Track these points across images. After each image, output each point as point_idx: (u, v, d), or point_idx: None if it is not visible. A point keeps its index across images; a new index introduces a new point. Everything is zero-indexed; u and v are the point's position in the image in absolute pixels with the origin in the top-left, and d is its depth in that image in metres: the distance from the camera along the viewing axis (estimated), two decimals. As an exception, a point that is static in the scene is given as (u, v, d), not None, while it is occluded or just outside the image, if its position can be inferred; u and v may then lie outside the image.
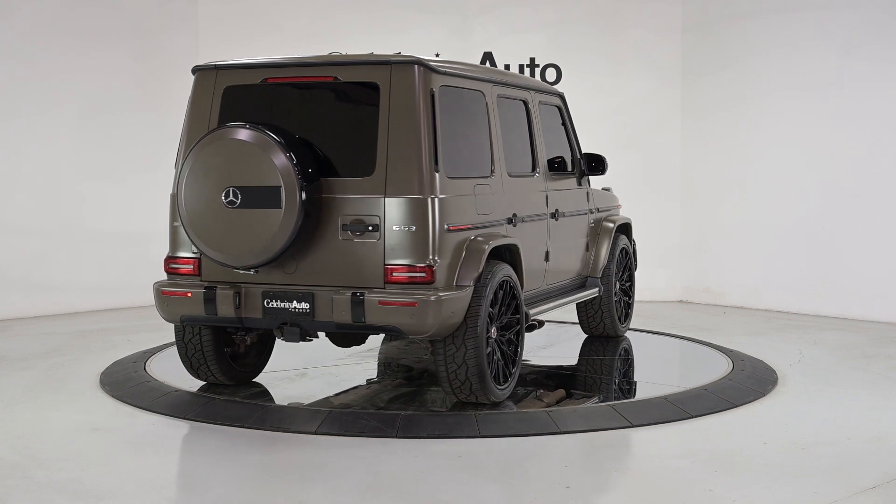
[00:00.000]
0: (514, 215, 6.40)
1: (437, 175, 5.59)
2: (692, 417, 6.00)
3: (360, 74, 5.76)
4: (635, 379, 7.23)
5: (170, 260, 6.12)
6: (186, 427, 5.84)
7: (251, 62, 6.05)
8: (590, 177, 7.96)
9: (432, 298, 5.46)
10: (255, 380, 6.76)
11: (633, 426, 5.80)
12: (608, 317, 8.02)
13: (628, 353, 7.89)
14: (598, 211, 7.97)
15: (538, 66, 11.22)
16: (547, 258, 6.94)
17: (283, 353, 7.20)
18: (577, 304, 7.99)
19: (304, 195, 5.48)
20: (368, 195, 5.59)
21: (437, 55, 11.02)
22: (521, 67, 11.20)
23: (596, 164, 7.65)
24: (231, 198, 5.60)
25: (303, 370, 7.14)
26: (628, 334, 8.46)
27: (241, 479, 4.92)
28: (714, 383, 6.69)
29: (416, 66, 5.64)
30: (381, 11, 11.13)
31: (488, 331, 5.87)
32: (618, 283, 8.14)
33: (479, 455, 5.28)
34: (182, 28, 10.79)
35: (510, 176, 6.46)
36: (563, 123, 7.55)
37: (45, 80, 9.93)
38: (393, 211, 5.56)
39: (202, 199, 5.69)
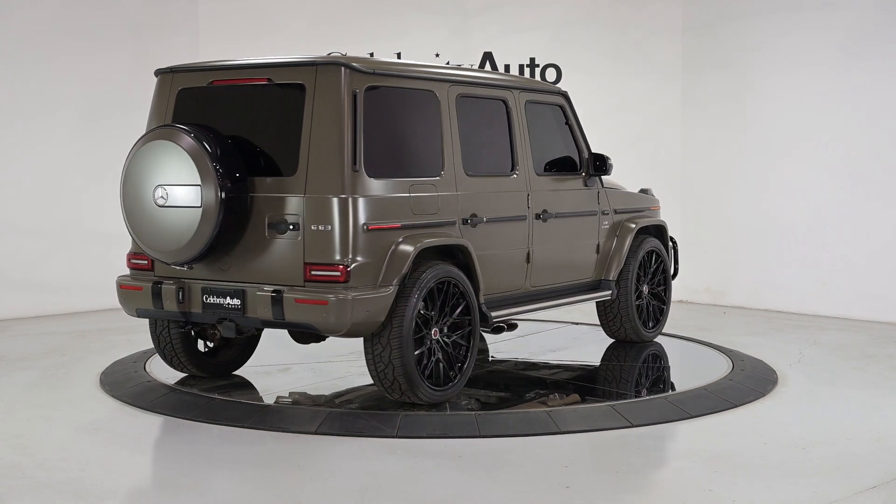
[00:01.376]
0: (474, 216, 6.35)
1: (355, 175, 5.65)
2: (692, 417, 6.00)
3: (289, 76, 5.87)
4: (636, 381, 7.21)
5: (130, 256, 6.40)
6: (186, 427, 5.84)
7: (201, 65, 6.28)
8: (606, 177, 7.78)
9: (343, 297, 5.53)
10: (236, 373, 6.89)
11: (633, 426, 5.79)
12: (627, 321, 7.81)
13: (639, 357, 7.67)
14: (618, 212, 7.77)
15: (538, 66, 11.22)
16: (529, 259, 6.86)
17: (278, 348, 7.25)
18: (597, 308, 7.91)
19: (223, 194, 5.65)
20: (290, 194, 5.72)
21: (437, 55, 11.07)
22: (521, 67, 11.20)
23: (599, 164, 7.48)
24: (160, 196, 5.83)
25: (287, 366, 7.19)
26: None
27: (241, 479, 4.92)
28: (714, 383, 6.68)
29: (338, 68, 5.70)
30: (381, 11, 11.13)
31: (422, 330, 5.89)
32: (646, 287, 7.96)
33: (479, 455, 5.28)
34: (182, 28, 10.78)
35: (469, 176, 6.39)
36: (568, 123, 7.42)
37: (45, 80, 9.93)
38: (311, 210, 5.65)
39: (138, 197, 5.94)
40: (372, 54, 10.97)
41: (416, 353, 5.84)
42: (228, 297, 5.88)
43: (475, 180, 6.44)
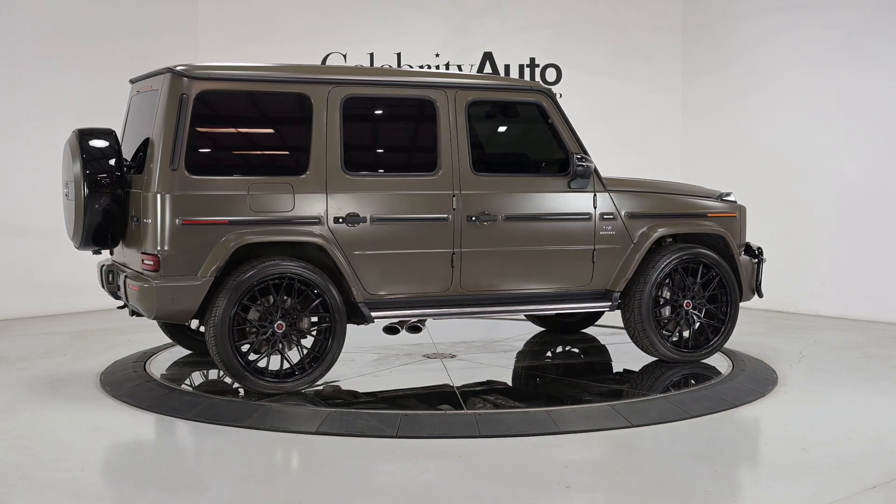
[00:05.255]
0: (353, 215, 6.41)
1: (173, 173, 6.07)
2: (692, 417, 6.00)
3: (156, 84, 6.45)
4: (629, 381, 7.19)
5: None
6: (186, 427, 5.84)
7: (141, 76, 6.90)
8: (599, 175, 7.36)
9: (148, 285, 6.07)
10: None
11: (633, 426, 5.80)
12: (645, 338, 7.13)
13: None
14: (633, 217, 7.11)
15: (538, 66, 11.22)
16: (454, 262, 6.70)
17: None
18: (623, 322, 7.31)
19: (86, 190, 6.39)
20: (138, 191, 6.35)
21: (437, 55, 11.07)
22: (522, 67, 11.21)
23: (575, 165, 6.85)
24: (65, 190, 6.74)
25: None
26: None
27: (241, 479, 4.93)
28: (714, 383, 6.69)
29: (171, 75, 6.20)
30: (381, 12, 11.13)
31: (250, 322, 6.20)
32: (689, 302, 7.18)
33: (479, 455, 5.28)
34: (182, 28, 10.79)
35: (351, 175, 6.42)
36: (549, 122, 6.96)
37: (45, 80, 9.93)
38: (143, 206, 6.22)
39: (61, 191, 6.92)
40: (372, 55, 10.98)
41: (247, 342, 6.23)
42: (121, 281, 6.57)
43: (361, 180, 6.47)
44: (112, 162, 6.46)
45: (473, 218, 6.70)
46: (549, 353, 8.00)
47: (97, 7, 10.24)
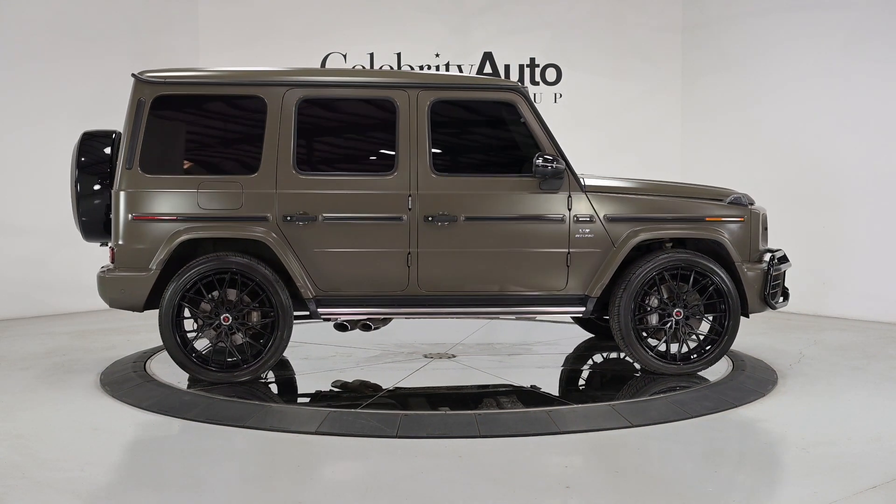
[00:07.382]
0: (303, 213, 6.60)
1: (128, 172, 6.58)
2: (692, 417, 6.00)
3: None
4: (630, 381, 7.19)
5: None
6: (186, 427, 5.84)
7: None
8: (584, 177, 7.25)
9: (102, 275, 6.64)
10: None
11: (633, 426, 5.80)
12: (625, 345, 6.90)
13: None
14: (611, 220, 6.81)
15: (538, 66, 11.23)
16: (410, 262, 6.69)
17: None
18: (611, 327, 7.07)
19: (78, 187, 6.83)
20: (112, 190, 6.76)
21: (437, 55, 11.07)
22: (522, 67, 11.21)
23: (537, 166, 6.64)
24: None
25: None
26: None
27: (241, 479, 4.92)
28: (714, 383, 6.69)
29: (134, 80, 6.65)
30: (382, 11, 11.14)
31: (194, 313, 6.60)
32: (680, 310, 6.86)
33: (479, 455, 5.28)
34: (182, 28, 10.79)
35: (304, 175, 6.63)
36: (522, 122, 6.78)
37: (45, 81, 9.94)
38: (111, 203, 6.72)
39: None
40: (372, 55, 10.98)
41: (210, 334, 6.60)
42: None
43: (313, 179, 6.65)
44: (103, 163, 6.82)
45: (431, 218, 6.69)
46: (596, 358, 7.84)
47: (97, 7, 10.24)
